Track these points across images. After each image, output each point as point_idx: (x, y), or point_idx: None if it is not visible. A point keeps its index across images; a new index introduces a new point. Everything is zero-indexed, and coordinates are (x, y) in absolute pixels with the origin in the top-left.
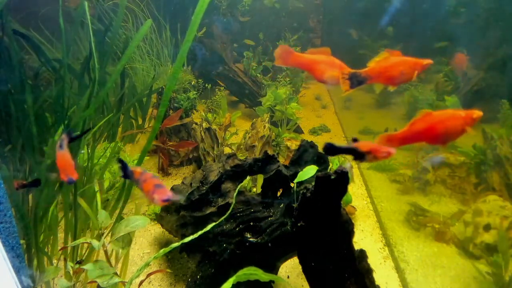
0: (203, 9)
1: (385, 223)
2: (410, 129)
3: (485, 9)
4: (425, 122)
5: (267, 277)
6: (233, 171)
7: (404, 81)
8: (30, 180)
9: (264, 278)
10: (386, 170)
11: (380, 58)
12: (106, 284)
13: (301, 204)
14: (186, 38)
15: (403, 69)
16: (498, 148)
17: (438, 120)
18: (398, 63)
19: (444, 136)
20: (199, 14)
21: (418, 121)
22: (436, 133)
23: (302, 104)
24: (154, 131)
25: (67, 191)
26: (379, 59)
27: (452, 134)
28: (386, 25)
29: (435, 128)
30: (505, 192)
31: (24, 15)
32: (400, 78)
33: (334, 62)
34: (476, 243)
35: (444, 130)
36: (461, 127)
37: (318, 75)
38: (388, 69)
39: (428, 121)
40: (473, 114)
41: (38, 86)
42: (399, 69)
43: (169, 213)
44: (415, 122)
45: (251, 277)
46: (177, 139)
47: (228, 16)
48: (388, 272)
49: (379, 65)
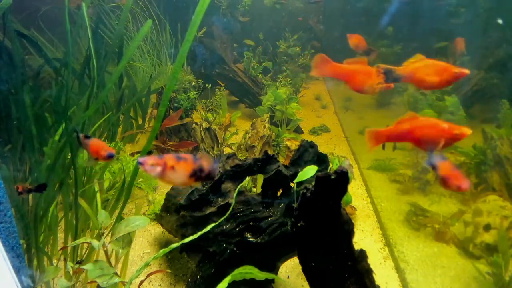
0: (203, 9)
1: (385, 223)
2: (395, 128)
3: (485, 9)
4: (408, 124)
5: (263, 276)
6: (233, 171)
7: (436, 85)
8: (36, 185)
9: (259, 277)
10: (386, 170)
11: (414, 60)
12: (106, 284)
13: (301, 204)
14: (186, 38)
15: (432, 73)
16: (498, 148)
17: (419, 125)
18: (429, 66)
19: (420, 141)
20: (199, 14)
21: (402, 121)
22: (414, 136)
23: (302, 104)
24: (154, 131)
25: (67, 191)
26: (413, 60)
27: (427, 141)
28: (386, 25)
29: (414, 132)
30: (505, 192)
31: (25, 15)
32: (430, 81)
33: (372, 72)
34: (476, 243)
35: (421, 136)
36: (438, 138)
37: (357, 86)
38: (418, 70)
39: (411, 123)
40: (455, 130)
41: (38, 86)
42: (429, 72)
43: (169, 213)
44: (400, 122)
45: (246, 276)
46: (177, 139)
47: (228, 16)
48: (388, 272)
49: (411, 66)
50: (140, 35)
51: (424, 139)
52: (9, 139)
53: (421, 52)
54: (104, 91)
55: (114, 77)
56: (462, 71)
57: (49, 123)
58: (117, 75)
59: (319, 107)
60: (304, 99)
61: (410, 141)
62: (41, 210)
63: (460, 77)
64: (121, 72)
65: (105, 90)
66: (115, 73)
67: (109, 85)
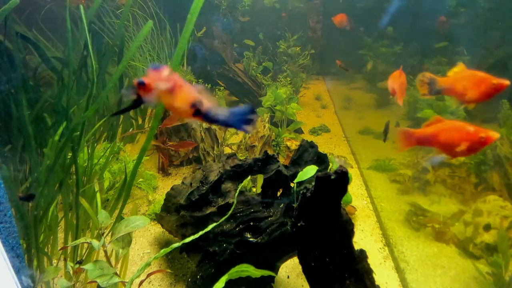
0: (198, 6)
1: (385, 223)
2: (423, 131)
3: (485, 9)
4: (432, 127)
5: (258, 273)
6: (233, 171)
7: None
8: (25, 194)
9: (255, 274)
10: (386, 170)
11: (457, 69)
12: (106, 284)
13: (301, 204)
14: (182, 35)
15: (471, 85)
16: (498, 148)
17: (443, 128)
18: (467, 78)
19: (444, 145)
20: (194, 12)
21: (428, 125)
22: (439, 140)
23: (302, 104)
24: (152, 130)
25: (67, 191)
26: (457, 70)
27: (451, 145)
28: (386, 25)
29: (439, 135)
30: (505, 192)
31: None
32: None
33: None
34: (476, 243)
35: (445, 140)
36: (462, 141)
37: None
38: (457, 83)
39: (436, 127)
40: (481, 133)
41: (38, 87)
42: (467, 84)
43: (169, 213)
44: (426, 125)
45: (242, 274)
46: (177, 139)
47: (228, 16)
48: (388, 272)
49: (452, 78)
50: (141, 36)
51: (448, 143)
52: (9, 139)
53: (421, 52)
54: (104, 91)
55: (114, 78)
56: (501, 83)
57: (49, 123)
58: (117, 75)
59: (319, 107)
60: (304, 99)
61: (435, 145)
62: (41, 210)
63: (500, 89)
64: (121, 73)
65: (105, 90)
66: (115, 74)
67: (110, 85)
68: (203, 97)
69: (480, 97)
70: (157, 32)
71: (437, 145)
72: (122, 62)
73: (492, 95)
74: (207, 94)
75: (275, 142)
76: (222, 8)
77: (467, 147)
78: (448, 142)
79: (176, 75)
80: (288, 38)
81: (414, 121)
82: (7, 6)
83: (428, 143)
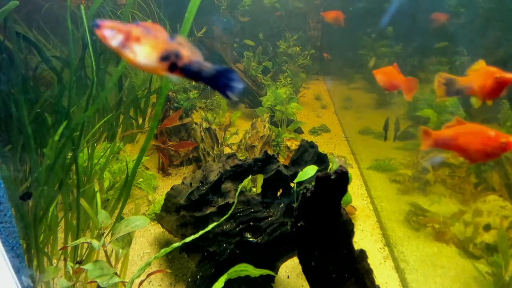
0: (196, 6)
1: (385, 223)
2: (442, 133)
3: (485, 9)
4: (452, 130)
5: (257, 272)
6: (233, 171)
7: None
8: (22, 193)
9: (254, 274)
10: (386, 170)
11: (477, 67)
12: (106, 284)
13: (301, 204)
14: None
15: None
16: None
17: (463, 132)
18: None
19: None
20: (192, 10)
21: (448, 127)
22: (458, 144)
23: (302, 104)
24: (151, 130)
25: (67, 191)
26: (476, 68)
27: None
28: (386, 25)
29: (458, 139)
30: (505, 192)
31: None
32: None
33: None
34: (476, 243)
35: (464, 144)
36: (482, 146)
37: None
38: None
39: (455, 129)
40: (502, 138)
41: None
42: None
43: (169, 213)
44: (446, 127)
45: (241, 273)
46: (177, 139)
47: (228, 16)
48: (388, 272)
49: (471, 76)
50: None
51: (467, 147)
52: (9, 139)
53: (421, 52)
54: (104, 92)
55: (114, 78)
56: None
57: (49, 123)
58: (117, 75)
59: (319, 107)
60: (304, 99)
61: (453, 148)
62: (41, 210)
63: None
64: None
65: (105, 91)
66: (115, 74)
67: (110, 86)
68: (182, 48)
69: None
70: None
71: (455, 149)
72: (122, 63)
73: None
74: (189, 46)
75: (275, 142)
76: (222, 8)
77: (487, 153)
78: (467, 147)
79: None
80: (288, 38)
81: (414, 121)
82: (6, 7)
83: (446, 146)
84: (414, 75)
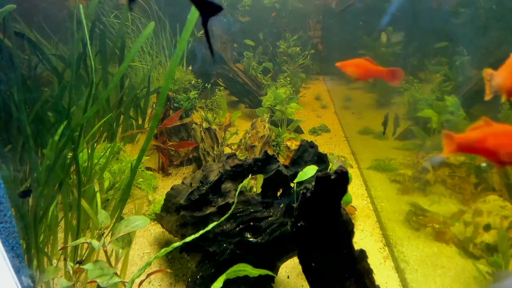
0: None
1: (385, 223)
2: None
3: (485, 9)
4: (479, 132)
5: (256, 272)
6: (233, 171)
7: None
8: (22, 190)
9: (253, 273)
10: (386, 170)
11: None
12: (106, 284)
13: (301, 204)
14: (182, 37)
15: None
16: None
17: (492, 133)
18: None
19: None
20: (195, 13)
21: (474, 128)
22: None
23: (302, 104)
24: (151, 130)
25: (67, 191)
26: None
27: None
28: (386, 25)
29: (486, 141)
30: (505, 192)
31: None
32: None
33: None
34: (476, 243)
35: (493, 146)
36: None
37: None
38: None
39: (483, 131)
40: None
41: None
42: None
43: (169, 213)
44: (472, 129)
45: (240, 273)
46: (177, 139)
47: (228, 16)
48: (388, 272)
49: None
50: (143, 37)
51: (498, 150)
52: (9, 139)
53: (421, 52)
54: (105, 92)
55: (115, 79)
56: None
57: (49, 123)
58: (118, 76)
59: (319, 107)
60: (304, 99)
61: (480, 152)
62: (41, 210)
63: None
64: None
65: (105, 91)
66: (116, 75)
67: (111, 86)
68: None
69: None
70: (157, 33)
71: (482, 153)
72: (124, 63)
73: None
74: None
75: (275, 142)
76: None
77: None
78: (498, 149)
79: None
80: (288, 38)
81: (414, 121)
82: (3, 9)
83: (472, 150)
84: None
